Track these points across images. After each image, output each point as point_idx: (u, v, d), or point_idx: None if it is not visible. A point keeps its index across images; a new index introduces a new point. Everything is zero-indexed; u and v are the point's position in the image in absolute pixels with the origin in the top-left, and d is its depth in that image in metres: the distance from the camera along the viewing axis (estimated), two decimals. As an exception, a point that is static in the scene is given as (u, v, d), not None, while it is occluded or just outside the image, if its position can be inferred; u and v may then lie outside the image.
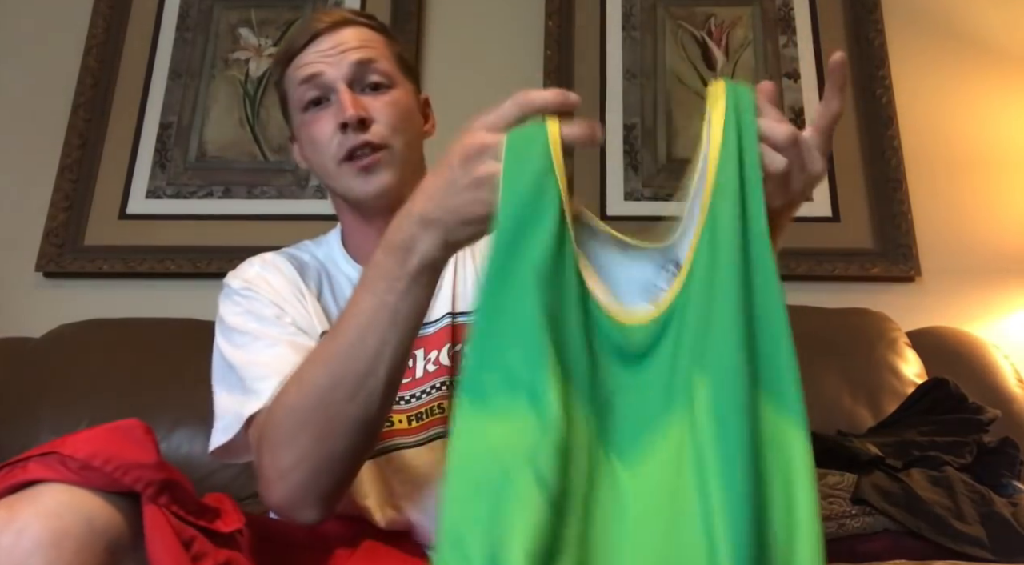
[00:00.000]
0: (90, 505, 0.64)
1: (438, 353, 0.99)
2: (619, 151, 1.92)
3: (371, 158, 0.93)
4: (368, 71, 0.95)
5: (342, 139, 0.93)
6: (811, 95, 1.94)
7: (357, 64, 0.95)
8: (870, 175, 1.88)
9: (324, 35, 0.96)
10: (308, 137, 0.96)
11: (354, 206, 0.99)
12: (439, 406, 0.95)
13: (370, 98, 0.94)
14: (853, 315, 1.64)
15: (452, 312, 0.99)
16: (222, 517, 0.75)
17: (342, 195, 0.99)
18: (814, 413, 1.58)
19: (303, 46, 0.96)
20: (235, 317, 0.95)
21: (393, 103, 0.96)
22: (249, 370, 0.89)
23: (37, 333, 1.66)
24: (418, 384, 0.98)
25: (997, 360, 1.58)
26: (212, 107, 1.99)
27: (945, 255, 1.83)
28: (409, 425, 0.95)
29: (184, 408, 1.48)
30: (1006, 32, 1.98)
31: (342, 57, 0.95)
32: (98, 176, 1.93)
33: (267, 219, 1.89)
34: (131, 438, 0.70)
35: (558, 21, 2.01)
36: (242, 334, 0.93)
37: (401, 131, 0.95)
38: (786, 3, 2.03)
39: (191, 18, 2.07)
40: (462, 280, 1.01)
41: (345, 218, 1.04)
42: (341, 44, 0.95)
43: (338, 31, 0.96)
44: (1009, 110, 1.93)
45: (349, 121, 0.91)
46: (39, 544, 0.61)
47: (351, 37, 0.97)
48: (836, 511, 1.13)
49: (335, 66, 0.94)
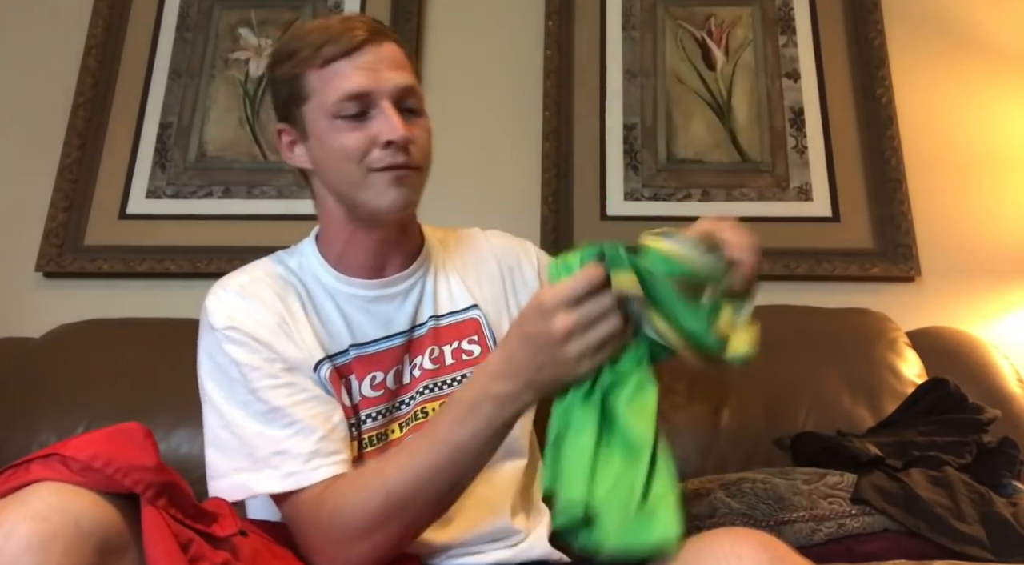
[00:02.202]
0: (79, 506, 0.64)
1: (422, 358, 1.03)
2: (619, 151, 1.92)
3: (406, 173, 0.97)
4: (408, 96, 0.99)
5: (384, 155, 0.96)
6: (811, 95, 1.94)
7: (403, 89, 0.98)
8: (870, 175, 1.88)
9: (366, 47, 0.97)
10: (338, 145, 0.97)
11: (359, 216, 1.01)
12: (422, 410, 1.01)
13: (409, 122, 0.98)
14: (853, 315, 1.64)
15: (435, 314, 1.06)
16: (219, 521, 0.76)
17: (357, 204, 0.99)
18: (814, 413, 1.58)
19: (345, 54, 0.97)
20: (227, 369, 0.94)
21: (426, 130, 1.02)
22: (255, 441, 0.90)
23: (37, 333, 1.66)
24: (407, 390, 1.02)
25: (997, 360, 1.58)
26: (212, 107, 1.99)
27: (945, 255, 1.83)
28: (401, 432, 1.00)
29: (184, 408, 1.48)
30: (1006, 32, 1.98)
31: (389, 77, 0.97)
32: (98, 176, 1.94)
33: (267, 219, 1.89)
34: (132, 441, 0.71)
35: (558, 21, 2.01)
36: (241, 394, 0.93)
37: (428, 157, 1.02)
38: (786, 3, 2.03)
39: (191, 18, 2.07)
40: (444, 286, 1.08)
41: (334, 226, 1.04)
42: (383, 61, 0.98)
43: (379, 45, 0.99)
44: (1009, 110, 1.93)
45: (399, 141, 0.95)
46: (27, 547, 0.61)
47: (391, 55, 1.00)
48: (836, 511, 1.13)
49: (381, 84, 0.97)
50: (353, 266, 1.03)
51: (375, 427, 0.99)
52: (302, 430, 0.90)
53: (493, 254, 1.16)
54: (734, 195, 1.88)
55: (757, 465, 1.38)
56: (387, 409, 1.00)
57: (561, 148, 1.92)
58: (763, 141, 1.91)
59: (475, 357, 1.05)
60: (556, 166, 1.90)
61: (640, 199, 1.88)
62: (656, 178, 1.90)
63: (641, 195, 1.89)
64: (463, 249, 1.15)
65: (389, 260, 1.05)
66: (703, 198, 1.88)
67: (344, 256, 1.04)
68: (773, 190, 1.88)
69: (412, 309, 1.05)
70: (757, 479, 1.19)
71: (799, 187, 1.88)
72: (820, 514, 1.12)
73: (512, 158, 1.92)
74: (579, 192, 1.89)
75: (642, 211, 1.87)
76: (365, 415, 0.98)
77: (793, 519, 1.12)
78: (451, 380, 1.03)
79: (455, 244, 1.16)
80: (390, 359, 1.01)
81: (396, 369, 1.01)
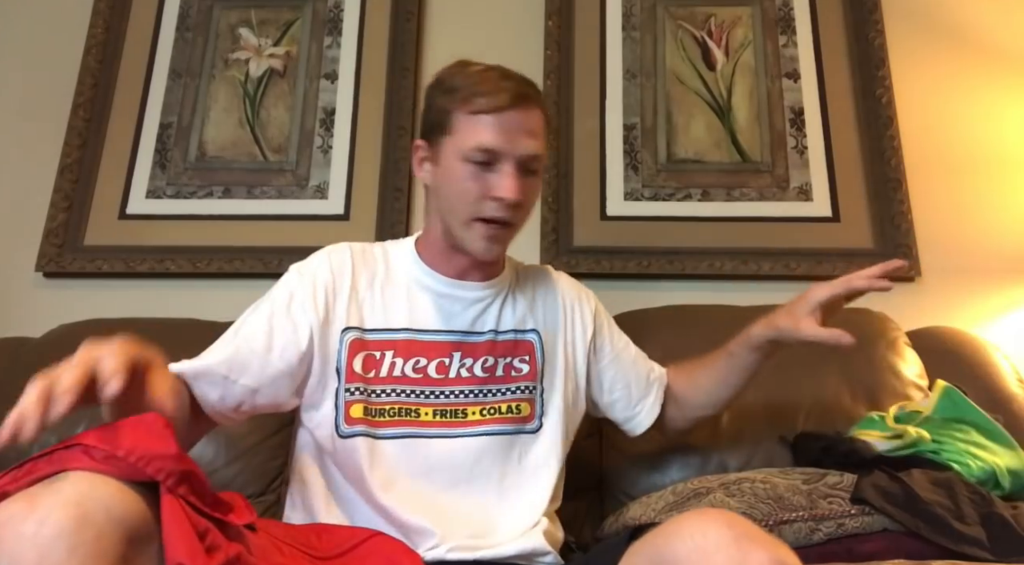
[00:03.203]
0: (109, 494, 0.66)
1: (474, 363, 1.14)
2: (619, 151, 1.92)
3: (501, 231, 1.10)
4: (533, 162, 1.10)
5: (492, 207, 1.08)
6: (811, 95, 1.94)
7: (531, 157, 1.09)
8: (870, 175, 1.88)
9: (512, 111, 1.08)
10: (459, 184, 1.09)
11: (453, 242, 1.14)
12: (463, 411, 1.11)
13: (524, 183, 1.09)
14: (853, 315, 1.63)
15: (496, 329, 1.17)
16: (235, 511, 0.79)
17: (455, 238, 1.12)
18: (814, 413, 1.58)
19: (492, 110, 1.07)
20: (274, 290, 1.14)
21: (536, 190, 1.14)
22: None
23: (37, 333, 1.66)
24: (449, 384, 1.12)
25: (997, 360, 1.58)
26: (212, 107, 1.99)
27: (945, 255, 1.83)
28: (432, 417, 1.09)
29: (184, 408, 1.48)
30: (1006, 32, 1.98)
31: (522, 143, 1.08)
32: (98, 176, 1.94)
33: (267, 219, 1.89)
34: (152, 430, 0.74)
35: (558, 21, 2.01)
36: (260, 305, 1.12)
37: (529, 214, 1.14)
38: (786, 3, 2.03)
39: (191, 18, 2.07)
40: (510, 308, 1.20)
41: (434, 237, 1.17)
42: (522, 126, 1.08)
43: (524, 111, 1.09)
44: (1009, 110, 1.93)
45: (510, 202, 1.07)
46: (61, 532, 0.62)
47: (531, 122, 1.10)
48: (835, 511, 1.12)
49: (512, 148, 1.07)
50: (438, 267, 1.17)
51: (405, 403, 1.09)
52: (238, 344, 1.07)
53: (559, 290, 1.27)
54: (734, 195, 1.88)
55: (757, 465, 1.38)
56: (423, 392, 1.10)
57: (561, 148, 1.92)
58: (763, 141, 1.92)
59: (523, 375, 1.16)
60: (556, 166, 1.90)
61: (640, 199, 1.88)
62: (656, 178, 1.90)
63: (641, 195, 1.89)
64: (534, 280, 1.27)
65: (470, 275, 1.18)
66: (703, 198, 1.88)
67: (434, 260, 1.18)
68: (773, 190, 1.88)
69: (475, 316, 1.17)
70: (757, 479, 1.19)
71: (799, 187, 1.88)
72: (820, 514, 1.12)
73: (512, 158, 1.92)
74: (579, 192, 1.89)
75: (642, 211, 1.87)
76: (393, 389, 1.09)
77: (792, 519, 1.12)
78: (496, 390, 1.14)
79: (528, 275, 1.28)
80: (437, 350, 1.13)
81: (440, 361, 1.12)
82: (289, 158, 1.95)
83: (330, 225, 1.87)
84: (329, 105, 1.98)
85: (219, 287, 1.84)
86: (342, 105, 1.97)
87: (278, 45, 2.04)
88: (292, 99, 1.99)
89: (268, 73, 2.01)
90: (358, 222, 1.87)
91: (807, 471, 1.22)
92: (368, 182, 1.90)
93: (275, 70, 2.02)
